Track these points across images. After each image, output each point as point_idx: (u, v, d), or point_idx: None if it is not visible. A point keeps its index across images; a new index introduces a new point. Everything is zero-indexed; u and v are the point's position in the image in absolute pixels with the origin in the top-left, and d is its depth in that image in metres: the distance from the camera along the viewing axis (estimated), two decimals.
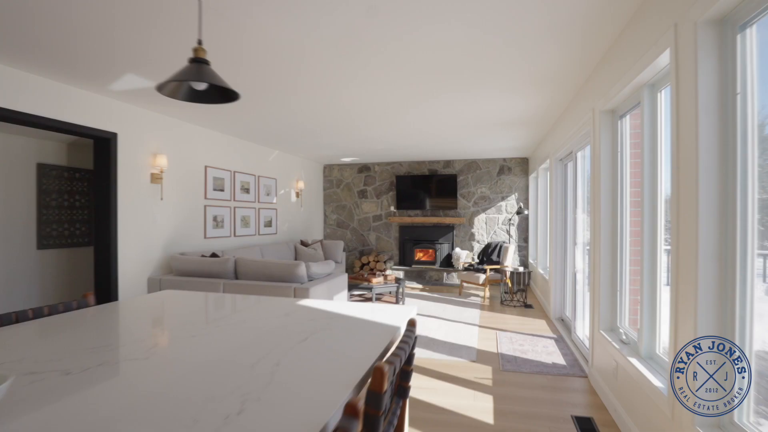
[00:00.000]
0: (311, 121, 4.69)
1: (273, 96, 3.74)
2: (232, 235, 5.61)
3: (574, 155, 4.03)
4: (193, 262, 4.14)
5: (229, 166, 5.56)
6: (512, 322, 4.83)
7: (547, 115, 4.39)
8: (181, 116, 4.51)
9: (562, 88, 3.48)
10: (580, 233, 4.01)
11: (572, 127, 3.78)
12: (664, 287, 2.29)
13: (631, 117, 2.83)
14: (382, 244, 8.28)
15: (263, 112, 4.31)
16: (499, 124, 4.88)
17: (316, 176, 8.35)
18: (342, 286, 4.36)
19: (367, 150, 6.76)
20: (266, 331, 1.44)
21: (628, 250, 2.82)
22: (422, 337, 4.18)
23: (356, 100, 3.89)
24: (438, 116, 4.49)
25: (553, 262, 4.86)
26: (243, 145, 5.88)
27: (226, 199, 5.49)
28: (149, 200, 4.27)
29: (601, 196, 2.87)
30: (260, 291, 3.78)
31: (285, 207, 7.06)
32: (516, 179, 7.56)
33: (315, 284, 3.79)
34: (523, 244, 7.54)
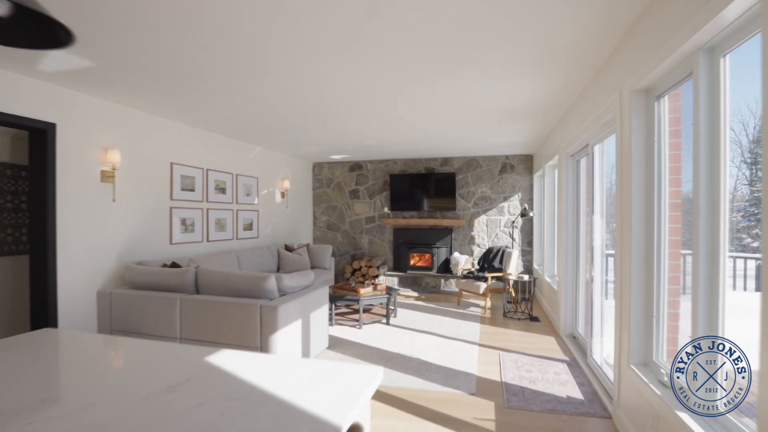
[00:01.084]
0: (289, 111, 4.12)
1: (240, 78, 3.17)
2: (204, 240, 5.04)
3: (589, 149, 3.46)
4: (149, 273, 3.58)
5: (200, 163, 5.00)
6: (517, 339, 4.26)
7: (557, 102, 3.82)
8: (139, 105, 3.94)
9: (577, 66, 2.91)
10: (598, 238, 3.44)
11: (589, 116, 3.21)
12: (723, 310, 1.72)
13: (669, 98, 2.26)
14: (375, 248, 7.71)
15: (232, 99, 3.74)
16: (501, 115, 4.31)
17: (305, 175, 7.79)
18: (322, 300, 3.79)
19: (358, 147, 6.19)
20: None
21: (665, 263, 2.25)
22: (413, 361, 3.61)
23: (336, 86, 3.32)
24: (432, 107, 3.92)
25: (563, 270, 4.29)
26: (218, 141, 5.31)
27: (197, 200, 4.92)
28: (99, 201, 3.70)
29: (633, 195, 2.30)
30: (221, 310, 3.21)
31: (268, 208, 6.49)
32: (519, 178, 6.99)
33: (286, 301, 3.22)
34: (527, 248, 6.96)
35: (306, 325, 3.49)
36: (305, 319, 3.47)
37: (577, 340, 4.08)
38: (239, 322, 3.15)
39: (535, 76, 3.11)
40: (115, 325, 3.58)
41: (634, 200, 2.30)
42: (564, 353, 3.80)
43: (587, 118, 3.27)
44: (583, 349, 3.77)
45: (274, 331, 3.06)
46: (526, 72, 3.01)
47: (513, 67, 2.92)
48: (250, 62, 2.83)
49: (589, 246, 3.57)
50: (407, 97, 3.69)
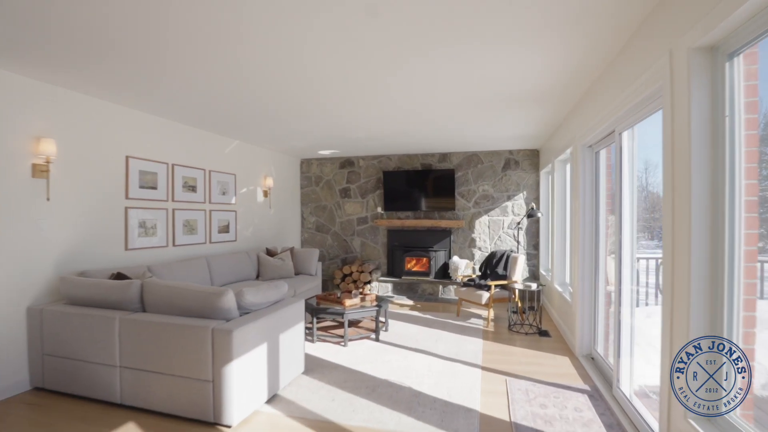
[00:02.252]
0: (266, 94, 3.53)
1: (208, 51, 2.57)
2: (169, 244, 4.45)
3: (615, 137, 2.87)
4: (86, 286, 2.98)
5: (165, 157, 4.40)
6: (526, 360, 3.67)
7: (573, 81, 3.23)
8: (79, 87, 3.34)
9: (605, 28, 2.31)
10: (627, 242, 2.85)
11: (617, 95, 2.62)
12: None
13: (744, 59, 1.67)
14: (367, 251, 7.12)
15: (197, 79, 3.14)
16: (506, 101, 3.72)
17: (292, 172, 7.19)
18: (296, 316, 3.19)
19: (347, 140, 5.60)
20: None
21: (739, 283, 1.66)
22: (404, 391, 3.02)
23: (319, 62, 2.73)
24: (429, 90, 3.33)
25: (577, 278, 3.70)
26: (187, 133, 4.72)
27: (160, 199, 4.33)
28: (29, 201, 3.10)
29: (693, 191, 1.70)
30: (167, 333, 2.61)
31: (248, 208, 5.89)
32: (525, 175, 6.40)
33: (246, 322, 2.63)
34: (533, 251, 6.37)
35: (274, 349, 2.89)
36: (272, 341, 2.88)
37: (596, 362, 3.49)
38: (188, 350, 2.55)
39: (548, 47, 2.52)
40: (47, 348, 2.98)
41: (695, 198, 1.70)
42: (583, 380, 3.21)
43: (614, 98, 2.67)
44: (605, 375, 3.18)
45: (228, 361, 2.46)
46: (537, 41, 2.42)
47: (521, 35, 2.33)
48: (219, 31, 2.24)
49: (615, 250, 2.97)
50: (400, 80, 3.10)
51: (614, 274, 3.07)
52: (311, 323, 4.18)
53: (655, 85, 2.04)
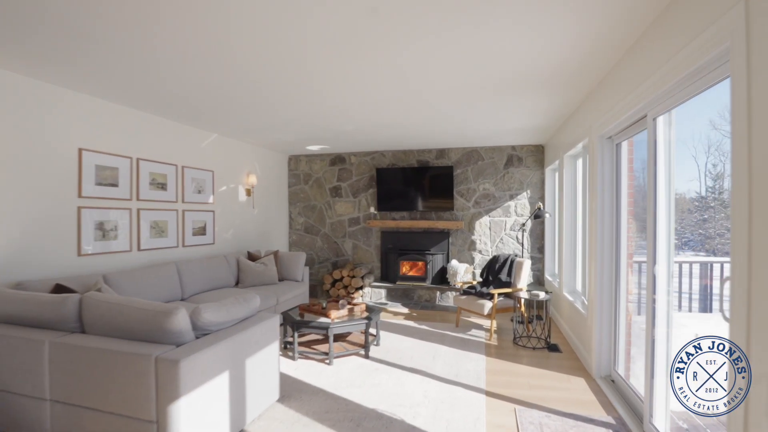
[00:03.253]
0: (246, 76, 3.04)
1: (174, 24, 2.09)
2: (133, 248, 3.95)
3: (648, 123, 2.41)
4: (15, 302, 2.48)
5: (128, 150, 3.90)
6: (536, 382, 3.20)
7: (594, 54, 2.76)
8: (14, 66, 2.84)
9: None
10: (663, 244, 2.37)
11: (652, 70, 2.16)
12: None
13: None
14: (359, 255, 6.64)
15: (164, 57, 2.65)
16: (511, 83, 3.25)
17: (279, 169, 6.70)
18: (268, 336, 2.71)
19: (337, 133, 5.12)
20: None
21: None
22: (395, 424, 2.54)
23: (305, 40, 2.25)
24: (423, 73, 2.85)
25: (596, 289, 3.24)
26: (155, 124, 4.22)
27: (122, 198, 3.83)
28: None
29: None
30: (105, 362, 2.12)
31: (228, 208, 5.40)
32: (528, 172, 5.94)
33: (199, 349, 2.14)
34: (537, 255, 5.91)
35: (239, 377, 2.41)
36: (238, 368, 2.40)
37: (617, 386, 3.03)
38: (127, 382, 2.07)
39: (562, 14, 2.05)
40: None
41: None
42: (604, 408, 2.74)
43: (648, 75, 2.21)
44: (630, 403, 2.72)
45: (175, 398, 1.98)
46: (552, 7, 1.95)
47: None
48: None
49: (649, 255, 2.49)
50: (388, 60, 2.63)
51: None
52: (293, 337, 3.70)
53: (716, 49, 1.57)
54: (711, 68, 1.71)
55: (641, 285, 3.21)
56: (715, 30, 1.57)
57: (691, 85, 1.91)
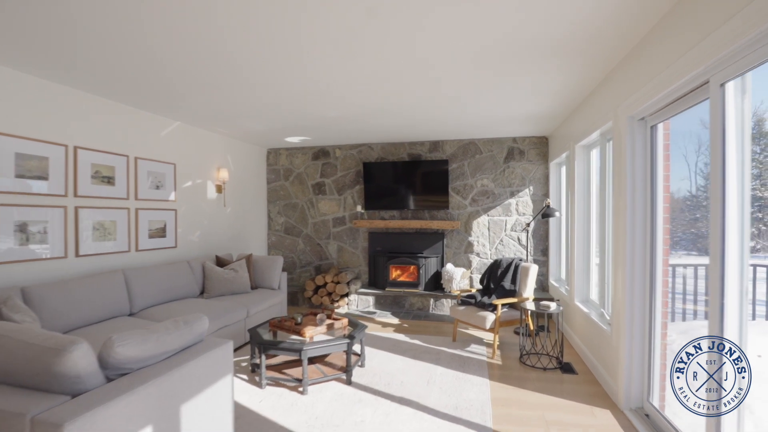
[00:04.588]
0: (207, 48, 2.42)
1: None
2: (69, 254, 3.30)
3: (711, 90, 1.84)
4: None
5: (60, 137, 3.25)
6: (552, 416, 2.63)
7: (632, 9, 2.20)
8: None
9: None
10: (735, 242, 1.79)
11: (718, 22, 1.60)
12: None
13: None
14: (345, 258, 6.03)
15: (108, 23, 2.02)
16: (516, 53, 2.68)
17: (256, 164, 6.06)
18: (217, 370, 2.10)
19: (318, 120, 4.50)
20: None
21: None
22: None
23: None
24: (410, 41, 2.27)
25: (625, 302, 2.68)
26: (99, 106, 3.57)
27: (54, 194, 3.18)
28: None
29: None
30: None
31: (195, 207, 4.76)
32: (531, 167, 5.39)
33: (103, 401, 1.52)
34: (541, 258, 5.37)
35: (171, 430, 1.79)
36: (168, 420, 1.78)
37: (653, 422, 2.47)
38: None
39: None
40: None
41: None
42: None
43: (712, 30, 1.65)
44: None
45: None
46: None
47: None
48: None
49: (715, 257, 1.90)
50: (375, 29, 2.03)
51: (710, 290, 2.03)
52: (260, 361, 3.08)
53: None
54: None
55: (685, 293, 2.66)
56: None
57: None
